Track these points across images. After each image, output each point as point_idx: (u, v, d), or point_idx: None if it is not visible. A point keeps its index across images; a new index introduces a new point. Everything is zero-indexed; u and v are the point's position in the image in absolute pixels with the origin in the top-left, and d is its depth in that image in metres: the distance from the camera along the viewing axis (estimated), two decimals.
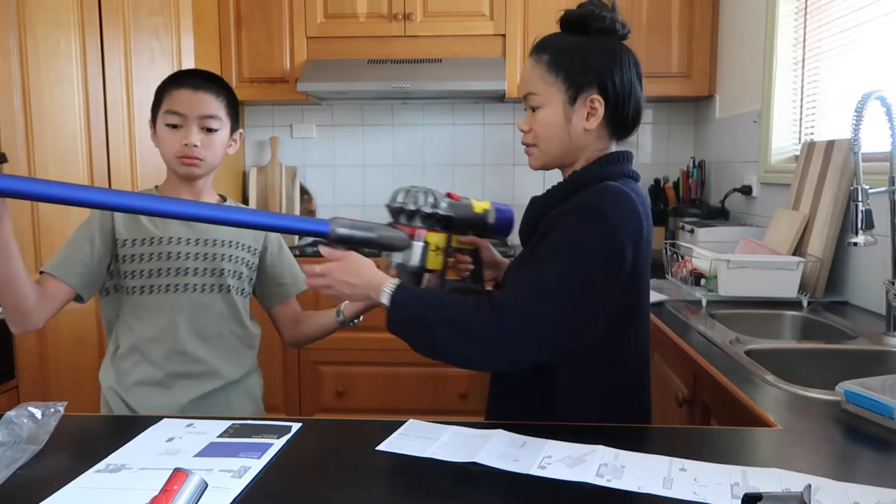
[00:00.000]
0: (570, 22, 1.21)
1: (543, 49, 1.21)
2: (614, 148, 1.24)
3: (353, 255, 1.21)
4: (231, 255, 1.52)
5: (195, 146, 1.42)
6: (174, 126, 1.43)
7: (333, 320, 1.56)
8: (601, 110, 1.18)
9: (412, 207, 1.27)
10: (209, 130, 1.44)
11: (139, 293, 1.46)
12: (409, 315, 1.14)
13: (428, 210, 1.27)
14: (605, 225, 1.10)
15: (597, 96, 1.18)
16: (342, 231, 1.23)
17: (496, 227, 1.36)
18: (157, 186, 1.54)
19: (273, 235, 1.63)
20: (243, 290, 1.56)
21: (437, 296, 1.18)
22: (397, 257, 1.28)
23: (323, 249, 1.22)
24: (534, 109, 1.22)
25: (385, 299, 1.15)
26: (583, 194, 1.16)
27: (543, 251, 1.13)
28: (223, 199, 1.59)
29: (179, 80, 1.47)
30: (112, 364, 1.50)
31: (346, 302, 1.53)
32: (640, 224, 1.14)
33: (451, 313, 1.11)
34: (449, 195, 1.32)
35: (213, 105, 1.45)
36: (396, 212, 1.29)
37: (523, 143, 1.26)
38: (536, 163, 1.25)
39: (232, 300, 1.53)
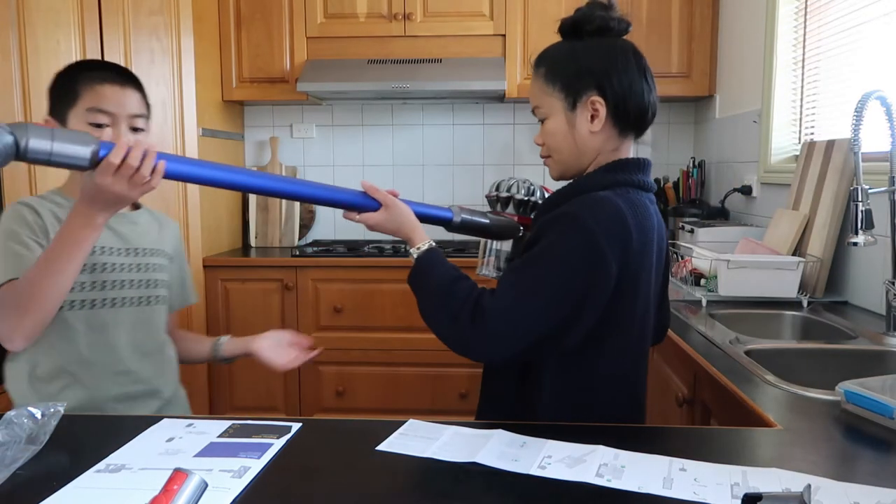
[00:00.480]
0: (565, 29, 1.23)
1: (540, 62, 1.24)
2: (630, 147, 1.24)
3: (398, 206, 1.26)
4: (158, 265, 1.46)
5: None
6: (99, 125, 1.30)
7: (209, 353, 1.55)
8: (603, 111, 1.18)
9: (524, 196, 1.35)
10: (136, 130, 1.34)
11: (68, 308, 1.32)
12: (422, 279, 1.20)
13: (539, 200, 1.35)
14: (584, 234, 1.10)
15: (596, 97, 1.18)
16: (463, 217, 1.33)
17: None
18: (60, 189, 1.40)
19: (182, 246, 1.57)
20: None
21: (453, 276, 1.18)
22: (503, 245, 1.36)
23: (365, 184, 1.27)
24: (542, 122, 1.24)
25: (413, 256, 1.23)
26: (570, 203, 1.16)
27: (525, 261, 1.15)
28: (136, 206, 1.49)
29: (98, 73, 1.33)
30: (32, 388, 1.33)
31: (228, 337, 1.55)
32: (626, 234, 1.12)
33: (450, 297, 1.14)
34: (543, 188, 1.41)
35: (140, 103, 1.36)
36: (512, 202, 1.36)
37: (541, 157, 1.28)
38: (555, 173, 1.27)
39: (165, 311, 1.48)
